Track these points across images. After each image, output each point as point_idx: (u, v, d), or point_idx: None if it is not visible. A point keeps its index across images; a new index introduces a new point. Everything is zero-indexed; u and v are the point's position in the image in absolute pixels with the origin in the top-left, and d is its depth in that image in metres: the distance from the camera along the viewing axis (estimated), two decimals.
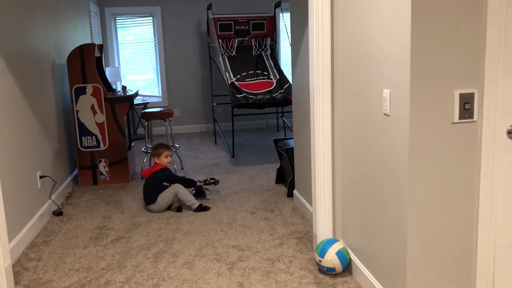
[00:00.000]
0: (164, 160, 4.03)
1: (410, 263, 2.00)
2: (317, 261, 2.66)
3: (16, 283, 2.71)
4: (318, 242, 2.81)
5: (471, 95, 1.89)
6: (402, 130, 1.94)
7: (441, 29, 1.83)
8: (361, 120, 2.37)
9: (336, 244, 2.65)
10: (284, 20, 7.42)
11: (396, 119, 1.99)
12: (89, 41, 6.23)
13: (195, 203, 3.83)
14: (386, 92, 2.05)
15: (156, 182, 3.90)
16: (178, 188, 3.85)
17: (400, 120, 1.95)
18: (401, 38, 1.89)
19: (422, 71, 1.85)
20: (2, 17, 3.12)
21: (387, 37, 2.01)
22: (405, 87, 1.89)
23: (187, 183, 4.04)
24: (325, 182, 2.77)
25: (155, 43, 7.47)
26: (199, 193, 4.16)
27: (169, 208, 3.88)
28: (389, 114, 2.05)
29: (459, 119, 1.91)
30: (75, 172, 4.86)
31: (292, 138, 4.33)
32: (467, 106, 1.90)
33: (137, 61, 7.57)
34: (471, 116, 1.91)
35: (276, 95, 5.59)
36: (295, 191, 3.93)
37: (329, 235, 2.84)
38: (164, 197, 3.82)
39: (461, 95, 1.88)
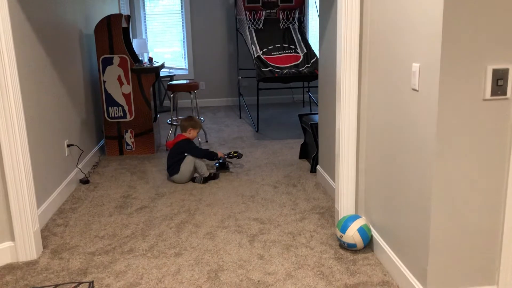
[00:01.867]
0: (189, 134, 4.07)
1: (432, 242, 1.96)
2: (338, 236, 2.66)
3: (44, 247, 2.81)
4: (340, 218, 2.80)
5: (505, 71, 1.81)
6: (431, 106, 1.88)
7: (475, 1, 1.74)
8: (388, 95, 2.31)
9: (358, 220, 2.63)
10: None
11: (425, 95, 1.93)
12: (117, 12, 6.25)
13: (206, 174, 3.89)
14: (415, 66, 1.98)
15: (178, 153, 3.94)
16: (195, 157, 3.92)
17: (429, 96, 1.89)
18: (433, 10, 1.81)
19: (454, 45, 1.77)
20: None
21: (418, 8, 1.93)
22: (435, 62, 1.82)
23: (208, 155, 4.06)
24: (349, 157, 2.74)
25: (182, 15, 7.43)
26: (222, 166, 4.18)
27: (193, 180, 3.92)
28: (417, 89, 1.99)
29: (491, 95, 1.83)
30: (102, 141, 4.95)
31: (317, 114, 4.28)
32: (500, 83, 1.82)
33: (164, 34, 7.56)
34: (504, 93, 1.83)
35: (303, 69, 5.51)
36: (318, 167, 3.91)
37: (351, 211, 2.82)
38: (186, 165, 3.86)
39: (494, 70, 1.80)
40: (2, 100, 2.42)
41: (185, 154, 3.93)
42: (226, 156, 4.21)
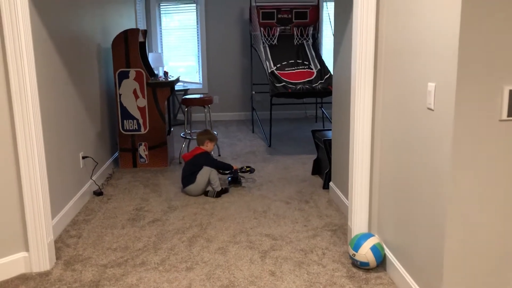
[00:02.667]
0: (206, 147, 4.13)
1: (447, 262, 1.94)
2: (351, 254, 2.64)
3: (57, 258, 2.83)
4: (352, 236, 2.78)
5: None
6: (446, 126, 1.88)
7: (492, 21, 1.75)
8: (403, 113, 2.31)
9: (371, 238, 2.61)
10: (328, 10, 7.30)
11: (441, 114, 1.92)
12: (134, 26, 6.35)
13: (219, 188, 3.92)
14: (431, 85, 1.98)
15: (196, 164, 3.97)
16: (212, 169, 3.96)
17: (445, 115, 1.89)
18: (450, 30, 1.81)
19: (470, 65, 1.77)
20: (53, 1, 3.21)
21: (434, 28, 1.94)
22: (451, 81, 1.82)
23: (225, 167, 4.12)
24: (362, 175, 2.73)
25: (197, 30, 7.52)
26: (234, 181, 4.19)
27: (206, 194, 3.93)
28: (433, 108, 1.98)
29: (508, 116, 1.82)
30: (116, 154, 5.00)
31: (330, 130, 4.28)
32: None
33: (179, 48, 7.66)
34: None
35: (316, 85, 5.52)
36: (331, 183, 3.89)
37: (364, 229, 2.80)
38: (202, 176, 3.90)
39: (511, 91, 1.80)
40: (22, 112, 2.47)
41: (203, 166, 3.97)
42: (238, 171, 4.22)
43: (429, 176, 2.05)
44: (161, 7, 7.49)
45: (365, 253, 2.56)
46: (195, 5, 7.45)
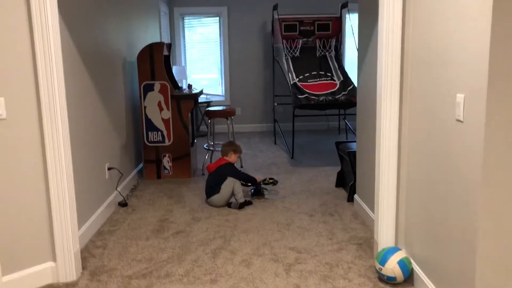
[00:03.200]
0: (230, 158, 4.15)
1: (479, 278, 1.88)
2: (377, 269, 2.59)
3: (83, 268, 2.86)
4: (379, 250, 2.73)
5: None
6: (477, 138, 1.83)
7: None
8: (430, 125, 2.27)
9: (398, 252, 2.56)
10: (351, 21, 7.29)
11: (470, 126, 1.88)
12: (158, 40, 6.46)
13: (242, 199, 3.92)
14: (460, 97, 1.95)
15: (221, 175, 3.99)
16: (236, 180, 3.97)
17: (475, 127, 1.85)
18: (479, 39, 1.78)
19: (501, 75, 1.74)
20: (81, 16, 3.29)
21: (462, 38, 1.91)
22: (481, 92, 1.79)
23: (249, 180, 4.12)
24: (389, 187, 2.69)
25: (220, 42, 7.60)
26: (257, 193, 4.18)
27: (229, 205, 3.93)
28: (462, 120, 1.95)
29: None
30: (141, 165, 5.05)
31: (354, 141, 4.24)
32: None
33: (202, 61, 7.74)
34: None
35: (339, 96, 5.50)
36: (356, 196, 3.84)
37: (391, 243, 2.75)
38: (227, 187, 3.92)
39: None
40: (51, 123, 2.52)
41: (227, 176, 3.98)
42: (261, 183, 4.21)
43: (459, 190, 2.00)
44: (185, 20, 7.60)
45: (392, 267, 2.51)
46: (218, 18, 7.54)
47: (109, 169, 3.88)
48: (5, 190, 2.48)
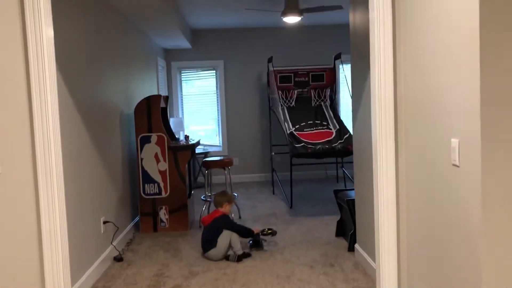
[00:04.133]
0: (225, 208, 4.09)
1: None
2: None
3: None
4: None
5: None
6: (474, 182, 1.82)
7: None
8: (427, 171, 2.26)
9: None
10: (344, 71, 7.45)
11: (467, 170, 1.87)
12: (156, 93, 6.56)
13: (240, 251, 3.83)
14: (455, 141, 1.95)
15: (216, 228, 3.91)
16: (232, 232, 3.89)
17: (471, 172, 1.84)
18: (470, 85, 1.81)
19: (493, 120, 1.75)
20: (79, 69, 3.36)
21: (454, 84, 1.94)
22: (475, 137, 1.79)
23: (245, 232, 4.02)
24: (389, 236, 2.63)
25: (217, 94, 7.72)
26: (256, 244, 4.09)
27: (227, 258, 3.84)
28: (458, 165, 1.94)
29: None
30: (137, 218, 4.98)
31: (352, 189, 4.21)
32: None
33: (200, 112, 7.83)
34: None
35: (336, 145, 5.52)
36: (356, 245, 3.77)
37: None
38: (223, 240, 3.83)
39: None
40: (46, 176, 2.50)
41: (223, 229, 3.90)
42: (260, 234, 4.14)
43: (459, 235, 1.96)
44: (182, 74, 7.76)
45: None
46: (214, 71, 7.70)
47: (104, 223, 3.82)
48: None
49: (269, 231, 4.17)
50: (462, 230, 1.94)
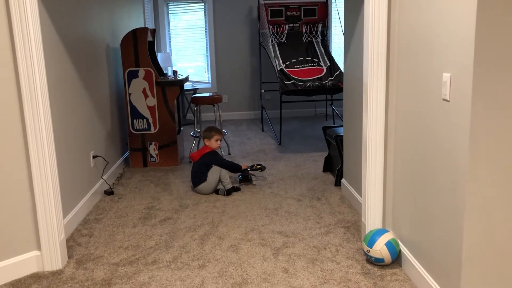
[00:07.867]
0: (214, 143, 4.07)
1: (466, 258, 1.89)
2: (365, 251, 2.59)
3: (69, 257, 2.82)
4: (366, 232, 2.74)
5: None
6: (463, 117, 1.83)
7: (510, 10, 1.70)
8: (417, 105, 2.26)
9: (385, 234, 2.56)
10: (337, 6, 7.25)
11: (457, 105, 1.88)
12: (142, 26, 6.35)
13: (229, 185, 3.91)
14: (446, 76, 1.94)
15: (206, 163, 3.95)
16: (222, 168, 3.95)
17: (461, 106, 1.84)
18: (465, 18, 1.77)
19: (487, 54, 1.73)
20: (63, 4, 3.21)
21: (449, 18, 1.90)
22: (467, 71, 1.78)
23: (234, 167, 4.06)
24: (376, 170, 2.69)
25: (205, 30, 7.51)
26: (245, 179, 4.16)
27: (216, 192, 3.91)
28: (448, 99, 1.94)
29: None
30: (126, 153, 4.99)
31: (341, 126, 4.24)
32: None
33: (188, 48, 7.65)
34: None
35: (326, 82, 5.48)
36: (343, 180, 3.85)
37: (379, 225, 2.76)
38: (213, 174, 3.89)
39: None
40: (32, 112, 2.46)
41: (212, 164, 3.94)
42: (249, 169, 4.19)
43: (446, 170, 2.00)
44: (169, 7, 7.49)
45: (379, 249, 2.52)
46: (203, 4, 7.44)
47: (94, 157, 3.82)
48: None
49: (258, 166, 4.23)
50: (449, 165, 1.97)
